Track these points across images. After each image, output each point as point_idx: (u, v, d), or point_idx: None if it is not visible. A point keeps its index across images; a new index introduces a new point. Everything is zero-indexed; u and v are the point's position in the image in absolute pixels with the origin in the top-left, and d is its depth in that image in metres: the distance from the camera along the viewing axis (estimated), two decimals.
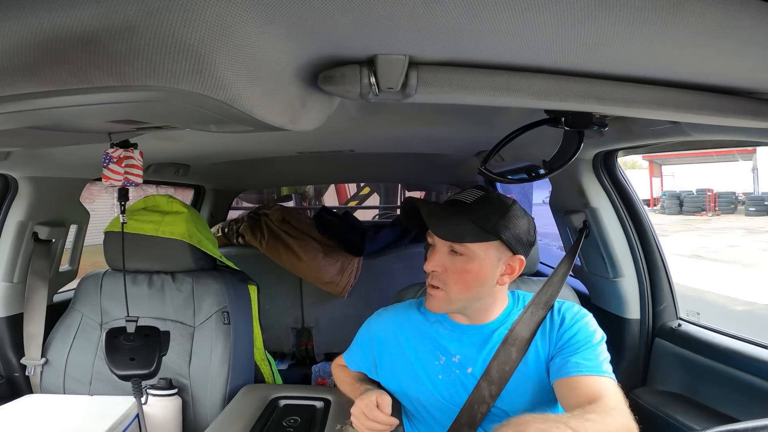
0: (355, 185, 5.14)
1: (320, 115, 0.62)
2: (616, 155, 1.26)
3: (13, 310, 1.33)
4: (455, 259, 0.90)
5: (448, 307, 0.93)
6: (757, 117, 0.63)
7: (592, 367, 0.83)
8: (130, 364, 0.99)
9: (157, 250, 1.31)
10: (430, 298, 0.93)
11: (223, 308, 1.30)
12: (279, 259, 2.11)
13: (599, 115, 0.75)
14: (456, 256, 0.89)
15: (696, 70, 0.56)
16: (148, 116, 0.59)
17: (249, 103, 0.44)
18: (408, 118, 1.07)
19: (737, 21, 0.41)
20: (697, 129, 0.86)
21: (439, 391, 0.95)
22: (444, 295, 0.91)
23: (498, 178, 1.03)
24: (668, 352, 1.20)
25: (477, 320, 0.96)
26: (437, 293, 0.91)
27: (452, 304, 0.92)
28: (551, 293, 0.98)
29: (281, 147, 1.42)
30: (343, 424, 0.99)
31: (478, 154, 1.61)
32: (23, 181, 1.27)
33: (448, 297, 0.91)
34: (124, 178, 0.88)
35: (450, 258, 0.90)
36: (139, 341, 1.00)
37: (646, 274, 1.26)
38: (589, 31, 0.43)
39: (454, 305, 0.93)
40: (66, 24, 0.35)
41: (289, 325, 2.26)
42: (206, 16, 0.36)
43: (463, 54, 0.51)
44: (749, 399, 0.96)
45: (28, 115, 0.45)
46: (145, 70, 0.36)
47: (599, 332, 0.91)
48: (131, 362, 0.99)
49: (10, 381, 1.32)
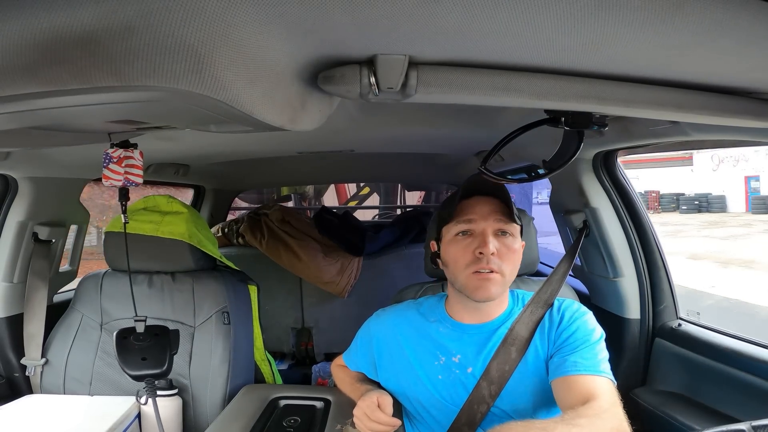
0: (355, 185, 5.14)
1: (320, 115, 0.62)
2: (616, 155, 1.26)
3: (13, 310, 1.32)
4: (504, 239, 0.91)
5: (502, 291, 0.93)
6: (757, 117, 0.63)
7: (589, 366, 0.82)
8: (142, 364, 0.99)
9: (157, 250, 1.31)
10: (488, 282, 0.89)
11: (223, 308, 1.30)
12: (279, 259, 2.11)
13: (599, 115, 0.75)
14: (505, 237, 0.91)
15: (696, 70, 0.56)
16: (148, 116, 0.59)
17: (249, 103, 0.44)
18: (408, 118, 1.07)
19: (737, 21, 0.41)
20: (697, 129, 0.86)
21: (439, 392, 0.95)
22: (501, 278, 0.90)
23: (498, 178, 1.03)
24: (668, 352, 1.19)
25: (483, 317, 0.96)
26: (496, 277, 0.89)
27: (505, 287, 0.93)
28: (551, 292, 0.98)
29: (281, 147, 1.42)
30: (343, 424, 0.99)
31: (478, 154, 1.61)
32: (23, 181, 1.27)
33: (504, 279, 0.91)
34: (124, 178, 0.88)
35: (498, 239, 0.91)
36: (150, 341, 1.01)
37: (646, 274, 1.26)
38: (589, 31, 0.43)
39: (505, 288, 0.94)
40: (66, 24, 0.35)
41: (289, 325, 2.26)
42: (206, 16, 0.36)
43: (463, 54, 0.51)
44: (749, 399, 0.96)
45: (28, 115, 0.45)
46: (144, 70, 0.36)
47: (598, 330, 0.91)
48: (143, 362, 0.99)
49: (10, 381, 1.32)
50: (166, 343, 1.02)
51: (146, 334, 1.01)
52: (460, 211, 0.93)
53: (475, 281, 0.89)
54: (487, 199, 0.94)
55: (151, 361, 0.99)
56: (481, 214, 0.92)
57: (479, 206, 0.93)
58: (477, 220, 0.91)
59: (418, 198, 4.66)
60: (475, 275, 0.89)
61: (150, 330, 1.02)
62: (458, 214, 0.93)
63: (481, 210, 0.92)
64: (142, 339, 1.01)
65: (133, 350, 1.00)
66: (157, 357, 0.99)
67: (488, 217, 0.91)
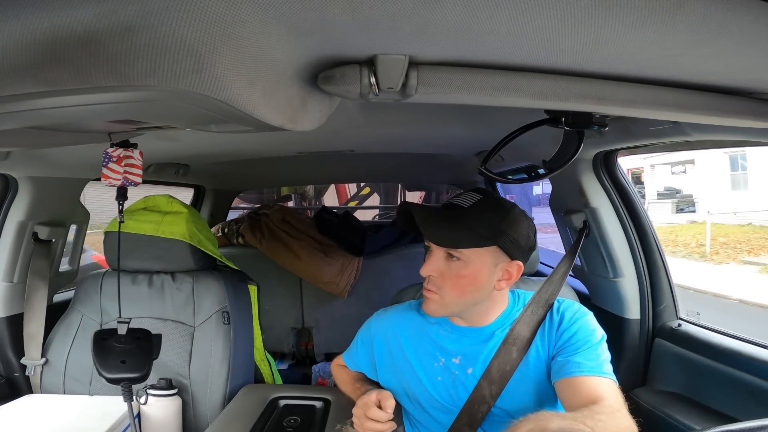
0: (355, 185, 5.14)
1: (320, 115, 0.62)
2: (616, 155, 1.26)
3: (13, 310, 1.32)
4: (451, 264, 0.89)
5: (444, 311, 0.93)
6: (757, 117, 0.63)
7: (593, 367, 0.83)
8: (120, 367, 0.96)
9: (157, 250, 1.31)
10: (426, 301, 0.93)
11: (223, 308, 1.30)
12: (279, 259, 2.10)
13: (599, 115, 0.75)
14: (452, 261, 0.89)
15: (696, 70, 0.55)
16: (149, 116, 0.59)
17: (249, 103, 0.44)
18: (408, 118, 1.07)
19: (738, 21, 0.41)
20: (697, 129, 0.86)
21: (438, 392, 0.95)
22: (439, 299, 0.91)
23: (498, 178, 1.03)
24: (668, 352, 1.19)
25: (475, 323, 0.96)
26: (433, 297, 0.91)
27: (447, 308, 0.92)
28: (551, 292, 0.98)
29: (281, 147, 1.42)
30: (343, 424, 0.99)
31: (478, 154, 1.61)
32: (23, 181, 1.27)
33: (443, 301, 0.91)
34: (123, 177, 0.88)
35: (446, 263, 0.90)
36: (131, 344, 0.99)
37: (646, 274, 1.26)
38: (589, 31, 0.43)
39: (449, 309, 0.93)
40: (66, 24, 0.35)
41: (289, 325, 2.26)
42: (206, 16, 0.36)
43: (463, 54, 0.51)
44: (749, 399, 0.96)
45: (28, 115, 0.45)
46: (145, 70, 0.36)
47: (599, 331, 0.91)
48: (122, 365, 0.97)
49: (10, 381, 1.32)
50: (148, 347, 0.99)
51: (128, 337, 0.99)
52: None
53: (423, 296, 0.94)
54: None
55: (130, 365, 0.97)
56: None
57: None
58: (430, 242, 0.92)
59: (419, 198, 4.66)
60: (424, 290, 0.93)
61: (132, 333, 1.00)
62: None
63: None
64: (123, 341, 0.99)
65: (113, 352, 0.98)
66: (136, 361, 0.97)
67: None
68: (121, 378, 0.97)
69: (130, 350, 0.98)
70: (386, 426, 0.88)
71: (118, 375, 0.96)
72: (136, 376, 0.96)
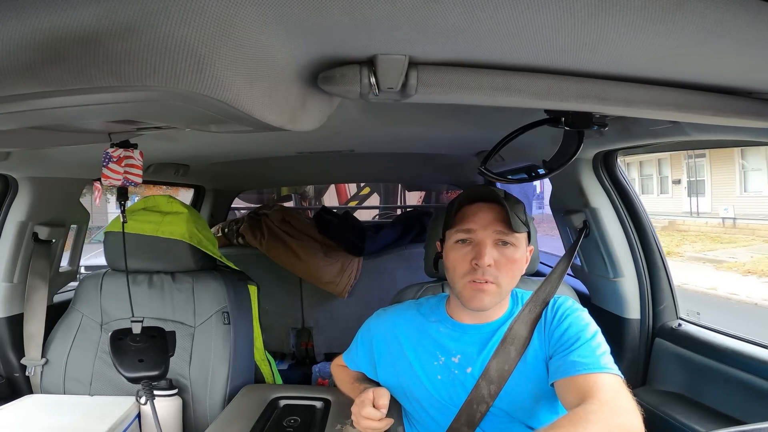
0: (355, 185, 5.14)
1: (320, 115, 0.62)
2: (616, 155, 1.26)
3: (13, 310, 1.33)
4: (504, 250, 0.90)
5: (497, 301, 0.93)
6: (757, 117, 0.63)
7: (589, 364, 0.81)
8: (139, 366, 0.98)
9: (157, 250, 1.31)
10: (482, 293, 0.89)
11: (223, 308, 1.30)
12: (279, 259, 2.11)
13: (599, 115, 0.75)
14: (505, 247, 0.90)
15: (696, 70, 0.56)
16: (148, 116, 0.59)
17: (249, 103, 0.44)
18: (408, 118, 1.07)
19: (737, 21, 0.41)
20: (697, 129, 0.86)
21: (438, 392, 0.95)
22: (496, 289, 0.90)
23: (498, 178, 1.03)
24: (668, 352, 1.19)
25: (484, 318, 0.96)
26: (490, 288, 0.89)
27: (501, 297, 0.93)
28: (549, 290, 0.98)
29: (281, 147, 1.42)
30: (343, 424, 0.99)
31: (478, 154, 1.61)
32: (23, 181, 1.27)
33: (500, 290, 0.90)
34: (123, 177, 0.88)
35: (498, 250, 0.90)
36: (146, 342, 1.00)
37: (646, 274, 1.26)
38: (589, 31, 0.43)
39: (501, 298, 0.93)
40: (66, 24, 0.35)
41: (289, 325, 2.26)
42: (206, 16, 0.36)
43: (463, 54, 0.51)
44: (749, 399, 0.96)
45: (28, 115, 0.45)
46: (145, 70, 0.36)
47: (592, 325, 0.90)
48: (140, 364, 0.98)
49: (10, 381, 1.32)
50: (163, 344, 1.01)
51: (143, 336, 1.00)
52: (461, 218, 0.92)
53: (470, 291, 0.90)
54: (489, 207, 0.92)
55: (148, 362, 0.98)
56: (480, 223, 0.90)
57: (480, 214, 0.91)
58: (476, 230, 0.90)
59: (418, 198, 4.66)
60: (470, 284, 0.90)
61: (146, 331, 1.01)
62: (458, 222, 0.92)
63: (482, 219, 0.91)
64: (138, 340, 1.00)
65: (130, 351, 0.99)
66: (154, 359, 0.98)
67: (488, 227, 0.90)
68: (141, 377, 0.98)
69: (146, 349, 1.00)
70: (381, 424, 0.88)
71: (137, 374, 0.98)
72: (156, 374, 0.98)
